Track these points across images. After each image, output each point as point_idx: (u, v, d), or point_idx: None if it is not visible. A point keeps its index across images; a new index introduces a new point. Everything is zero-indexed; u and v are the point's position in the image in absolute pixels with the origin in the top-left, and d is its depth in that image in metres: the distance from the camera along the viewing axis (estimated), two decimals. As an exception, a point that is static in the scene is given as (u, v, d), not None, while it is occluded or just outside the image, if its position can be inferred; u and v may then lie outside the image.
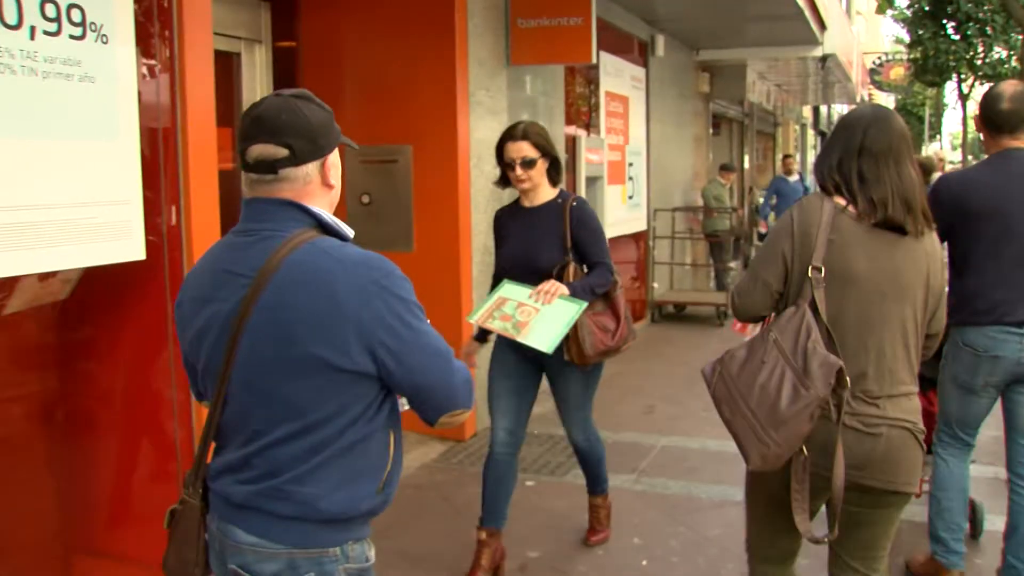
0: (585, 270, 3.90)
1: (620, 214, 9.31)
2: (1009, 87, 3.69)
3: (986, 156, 3.78)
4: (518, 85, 6.81)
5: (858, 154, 2.57)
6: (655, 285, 10.83)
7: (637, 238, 10.38)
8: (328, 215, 1.98)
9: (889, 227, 2.55)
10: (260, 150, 1.89)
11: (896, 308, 2.57)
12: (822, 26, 11.29)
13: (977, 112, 3.83)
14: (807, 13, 10.01)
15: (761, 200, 15.16)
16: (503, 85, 6.55)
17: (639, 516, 4.79)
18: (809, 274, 2.53)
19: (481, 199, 6.20)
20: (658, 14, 9.70)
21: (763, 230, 13.77)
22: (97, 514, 3.74)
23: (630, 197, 9.68)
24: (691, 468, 5.53)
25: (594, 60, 6.63)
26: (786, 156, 14.80)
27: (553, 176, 3.95)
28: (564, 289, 3.72)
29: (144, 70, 3.44)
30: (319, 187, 1.96)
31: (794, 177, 13.94)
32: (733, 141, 17.21)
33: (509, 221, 4.05)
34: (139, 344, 3.68)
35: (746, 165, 17.94)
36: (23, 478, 3.58)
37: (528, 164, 3.82)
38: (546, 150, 3.86)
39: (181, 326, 2.03)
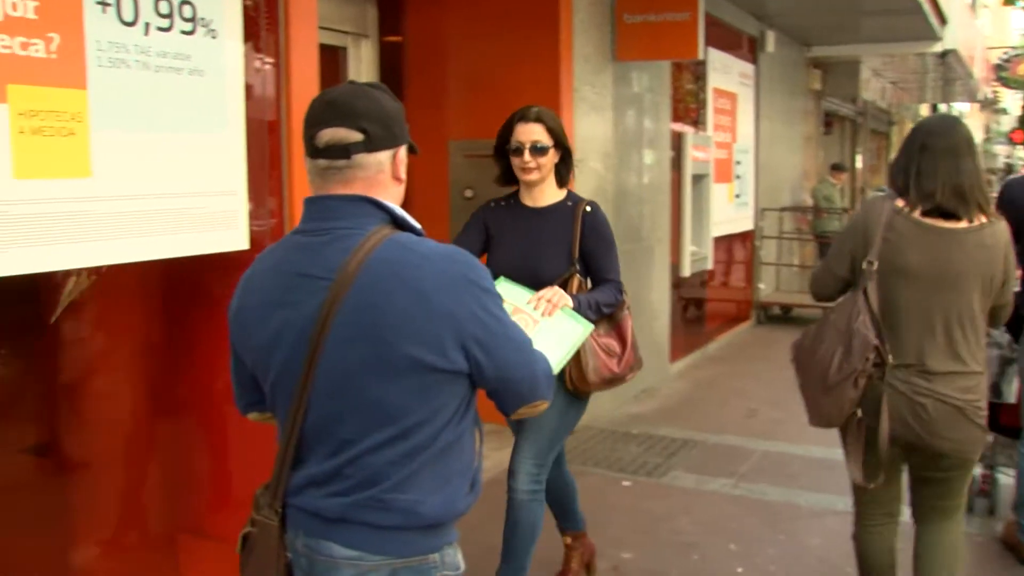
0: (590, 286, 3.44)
1: (726, 213, 9.16)
2: None
3: None
4: (624, 81, 6.74)
5: (919, 151, 2.94)
6: (761, 286, 10.61)
7: (743, 238, 10.19)
8: (400, 209, 1.88)
9: (943, 215, 2.90)
10: (332, 133, 1.80)
11: (951, 297, 2.92)
12: (942, 20, 10.87)
13: None
14: (926, 7, 9.64)
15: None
16: (608, 81, 6.49)
17: (736, 522, 4.68)
18: (864, 267, 2.95)
19: (584, 194, 6.13)
20: (768, 9, 9.48)
21: None
22: (201, 496, 3.84)
23: (737, 196, 9.51)
24: (792, 475, 5.39)
25: (701, 56, 6.52)
26: None
27: (562, 174, 3.48)
28: (568, 300, 3.19)
29: (251, 64, 3.51)
30: (390, 179, 1.87)
31: None
32: (845, 140, 16.74)
33: (506, 218, 3.52)
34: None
35: (858, 165, 17.43)
36: (132, 459, 3.70)
37: (539, 151, 3.37)
38: (560, 140, 3.42)
39: (241, 334, 1.93)
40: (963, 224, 2.90)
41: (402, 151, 1.90)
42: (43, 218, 2.74)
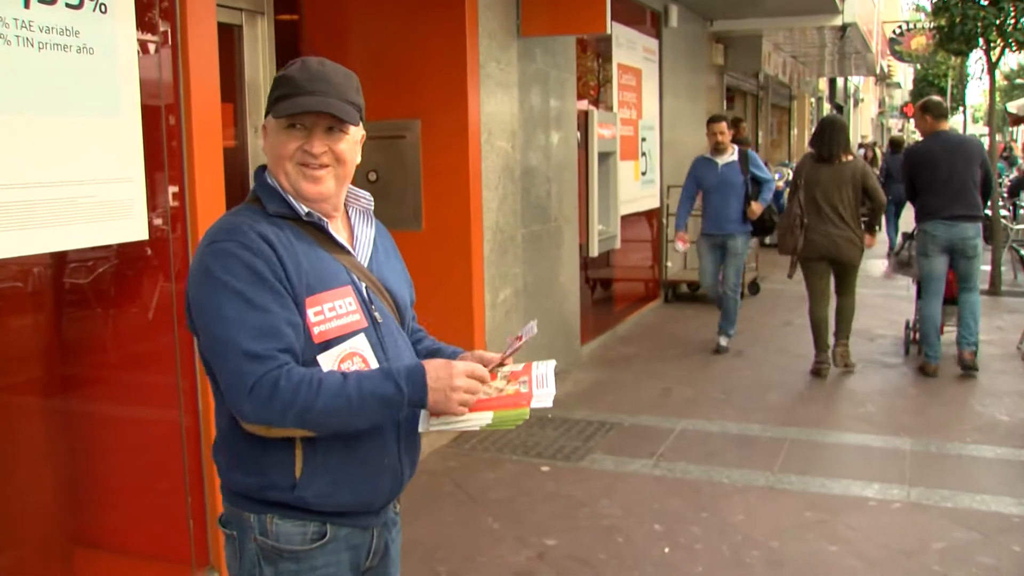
0: None
1: (633, 191, 9.12)
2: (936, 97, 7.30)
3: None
4: (529, 58, 6.62)
5: (818, 134, 7.16)
6: (668, 264, 10.65)
7: (650, 216, 10.19)
8: (267, 180, 1.97)
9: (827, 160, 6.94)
10: None
11: (837, 193, 6.84)
12: (842, -6, 11.02)
13: (919, 106, 7.18)
14: (827, -20, 9.73)
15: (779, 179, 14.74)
16: (514, 57, 6.36)
17: (659, 502, 4.65)
18: (799, 183, 7.06)
19: (492, 175, 6.04)
20: (671, -16, 9.45)
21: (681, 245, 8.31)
22: (98, 506, 3.61)
23: (643, 173, 9.48)
24: (711, 452, 5.39)
25: (608, 31, 6.44)
26: (735, 120, 9.96)
27: None
28: None
29: (145, 42, 3.28)
30: None
31: (727, 158, 7.85)
32: (747, 115, 16.97)
33: None
34: (144, 328, 3.55)
35: (760, 140, 17.69)
36: (24, 469, 3.44)
37: None
38: None
39: None
40: (836, 162, 6.86)
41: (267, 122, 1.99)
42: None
